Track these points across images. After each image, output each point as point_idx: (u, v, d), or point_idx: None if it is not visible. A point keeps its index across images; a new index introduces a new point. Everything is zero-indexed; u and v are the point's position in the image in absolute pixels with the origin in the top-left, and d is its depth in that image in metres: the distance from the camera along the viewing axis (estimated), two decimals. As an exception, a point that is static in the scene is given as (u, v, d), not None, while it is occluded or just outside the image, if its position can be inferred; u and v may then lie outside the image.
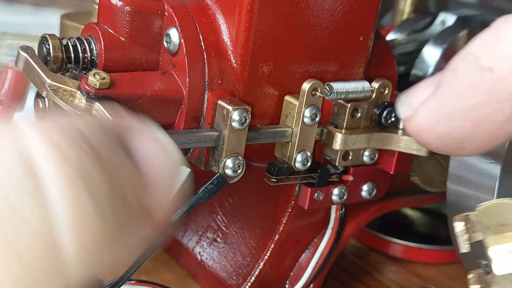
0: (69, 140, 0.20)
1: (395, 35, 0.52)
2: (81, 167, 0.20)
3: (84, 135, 0.21)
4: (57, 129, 0.21)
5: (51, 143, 0.20)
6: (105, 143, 0.22)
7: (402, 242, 0.53)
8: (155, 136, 0.24)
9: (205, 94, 0.35)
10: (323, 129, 0.39)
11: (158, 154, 0.24)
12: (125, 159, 0.22)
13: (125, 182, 0.22)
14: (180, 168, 0.25)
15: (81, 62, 0.35)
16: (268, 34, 0.35)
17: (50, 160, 0.20)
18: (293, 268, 0.44)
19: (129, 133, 0.23)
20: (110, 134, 0.22)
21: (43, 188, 0.19)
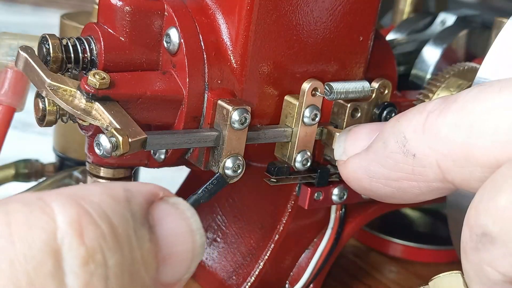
0: (90, 220, 0.21)
1: (395, 35, 0.52)
2: (95, 248, 0.21)
3: (105, 213, 0.22)
4: (81, 208, 0.22)
5: (73, 225, 0.21)
6: (127, 220, 0.23)
7: (402, 242, 0.53)
8: (181, 212, 0.25)
9: (205, 94, 0.35)
10: (323, 129, 0.39)
11: (181, 232, 0.25)
12: (145, 237, 0.23)
13: (140, 260, 0.23)
14: (200, 247, 0.25)
15: (81, 62, 0.35)
16: (268, 34, 0.35)
17: (70, 241, 0.21)
18: (293, 268, 0.44)
19: (156, 204, 0.24)
20: (135, 209, 0.23)
21: (63, 269, 0.21)
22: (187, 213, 0.25)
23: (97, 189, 0.23)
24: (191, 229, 0.25)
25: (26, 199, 0.22)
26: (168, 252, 0.24)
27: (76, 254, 0.21)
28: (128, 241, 0.22)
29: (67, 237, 0.21)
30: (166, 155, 0.36)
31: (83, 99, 0.32)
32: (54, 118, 0.34)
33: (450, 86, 0.42)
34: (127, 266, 0.22)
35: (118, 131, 0.31)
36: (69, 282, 0.20)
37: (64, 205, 0.21)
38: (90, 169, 0.38)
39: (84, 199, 0.22)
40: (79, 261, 0.21)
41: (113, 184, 0.24)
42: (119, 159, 0.37)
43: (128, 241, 0.22)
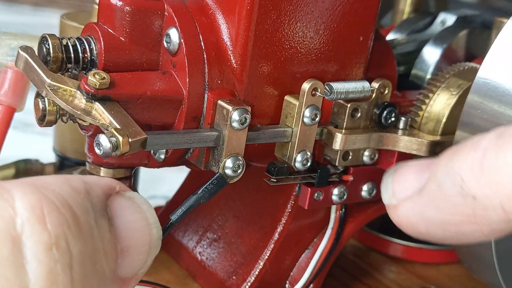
0: (53, 207, 0.21)
1: (395, 35, 0.52)
2: (59, 235, 0.21)
3: (67, 202, 0.22)
4: (43, 195, 0.21)
5: (35, 211, 0.21)
6: (88, 210, 0.23)
7: (402, 242, 0.53)
8: (137, 205, 0.25)
9: (205, 94, 0.35)
10: (323, 129, 0.39)
11: (138, 225, 0.25)
12: (105, 227, 0.23)
13: (101, 250, 0.23)
14: (157, 240, 0.26)
15: (81, 62, 0.35)
16: (268, 34, 0.35)
17: (31, 227, 0.21)
18: (293, 268, 0.44)
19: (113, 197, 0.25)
20: (94, 200, 0.23)
21: (23, 254, 0.20)
22: (143, 207, 0.26)
23: (57, 179, 0.23)
24: (148, 223, 0.25)
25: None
26: (126, 244, 0.24)
27: (38, 239, 0.20)
28: (90, 231, 0.22)
29: (28, 223, 0.21)
30: (166, 155, 0.36)
31: (83, 99, 0.32)
32: (54, 118, 0.34)
33: (450, 86, 0.42)
34: (89, 256, 0.22)
35: (118, 131, 0.31)
36: (30, 269, 0.20)
37: (25, 192, 0.21)
38: (90, 169, 0.38)
39: (45, 187, 0.22)
40: (42, 247, 0.20)
41: (71, 176, 0.24)
42: (119, 159, 0.37)
43: (90, 231, 0.22)
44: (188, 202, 0.35)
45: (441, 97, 0.42)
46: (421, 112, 0.42)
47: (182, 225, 0.48)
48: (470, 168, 0.27)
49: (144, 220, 0.25)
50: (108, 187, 0.25)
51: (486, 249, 0.39)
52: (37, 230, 0.21)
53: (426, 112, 0.42)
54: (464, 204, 0.27)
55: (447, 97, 0.42)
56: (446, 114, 0.41)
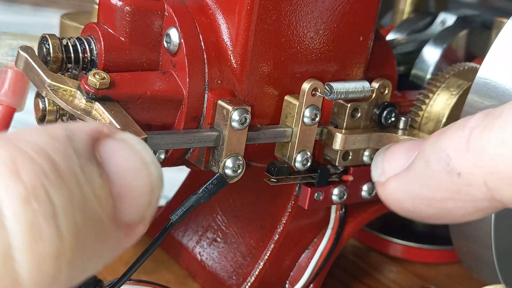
0: (26, 158, 0.20)
1: (395, 35, 0.52)
2: (36, 186, 0.20)
3: (43, 150, 0.21)
4: (15, 147, 0.20)
5: (6, 164, 0.20)
6: (70, 157, 0.21)
7: (402, 242, 0.53)
8: (130, 146, 0.24)
9: (205, 94, 0.35)
10: (323, 129, 0.39)
11: (134, 166, 0.23)
12: (94, 172, 0.22)
13: (92, 197, 0.21)
14: (158, 178, 0.24)
15: (81, 62, 0.35)
16: (268, 34, 0.35)
17: (4, 181, 0.19)
18: (293, 268, 0.44)
19: (102, 141, 0.23)
20: (80, 145, 0.22)
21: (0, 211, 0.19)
22: (137, 147, 0.24)
23: (34, 130, 0.22)
24: (144, 162, 0.24)
25: None
26: (123, 187, 0.23)
27: (13, 192, 0.19)
28: (74, 177, 0.21)
29: (1, 177, 0.19)
30: (166, 155, 0.36)
31: (83, 99, 0.32)
32: (54, 118, 0.34)
33: (450, 86, 0.42)
34: (77, 203, 0.21)
35: (118, 131, 0.31)
36: (10, 225, 0.19)
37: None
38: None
39: (19, 139, 0.21)
40: (18, 200, 0.19)
41: (52, 124, 0.22)
42: (119, 159, 0.37)
43: (74, 177, 0.21)
44: (188, 202, 0.35)
45: (441, 97, 0.42)
46: (421, 112, 0.42)
47: (182, 225, 0.48)
48: (456, 146, 0.28)
49: (140, 160, 0.24)
50: (94, 131, 0.23)
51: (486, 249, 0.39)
52: (11, 183, 0.19)
53: (426, 112, 0.42)
54: (449, 180, 0.28)
55: (447, 97, 0.42)
56: (446, 114, 0.41)
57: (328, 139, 0.39)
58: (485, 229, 0.39)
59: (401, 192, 0.30)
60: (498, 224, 0.38)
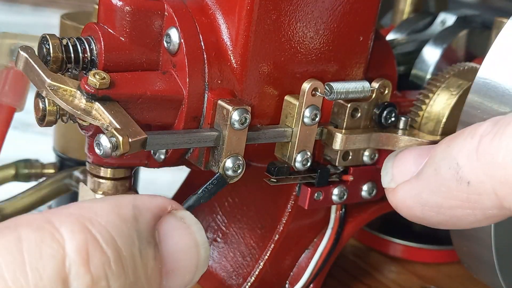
0: (97, 247, 0.22)
1: (395, 35, 0.52)
2: (100, 276, 0.22)
3: (111, 237, 0.22)
4: (89, 234, 0.22)
5: (81, 253, 0.22)
6: (133, 241, 0.23)
7: (402, 242, 0.53)
8: (187, 226, 0.25)
9: (205, 94, 0.35)
10: (323, 129, 0.39)
11: (186, 247, 0.25)
12: (150, 255, 0.24)
13: (143, 278, 0.23)
14: (204, 260, 0.26)
15: (81, 62, 0.35)
16: (268, 34, 0.35)
17: (77, 269, 0.21)
18: (293, 268, 0.44)
19: (163, 219, 0.25)
20: (143, 227, 0.24)
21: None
22: (193, 228, 0.26)
23: (105, 207, 0.23)
24: (196, 244, 0.25)
25: (36, 223, 0.22)
26: (173, 266, 0.25)
27: (82, 282, 0.21)
28: (133, 263, 0.23)
29: (74, 265, 0.21)
30: (166, 155, 0.36)
31: (83, 99, 0.32)
32: (54, 118, 0.34)
33: (450, 86, 0.42)
34: (129, 286, 0.23)
35: (118, 131, 0.31)
36: None
37: (73, 231, 0.22)
38: (90, 169, 0.38)
39: (92, 221, 0.22)
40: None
41: (121, 200, 0.24)
42: (119, 159, 0.37)
43: (132, 263, 0.23)
44: (188, 202, 0.35)
45: (441, 97, 0.42)
46: (421, 112, 0.42)
47: (182, 225, 0.47)
48: (466, 154, 0.28)
49: (193, 241, 0.25)
50: (159, 209, 0.25)
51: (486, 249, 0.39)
52: (81, 272, 0.21)
53: (426, 112, 0.42)
54: (459, 188, 0.28)
55: (447, 97, 0.42)
56: (446, 114, 0.41)
57: (328, 139, 0.39)
58: (485, 229, 0.39)
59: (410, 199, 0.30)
60: (498, 224, 0.38)
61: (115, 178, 0.38)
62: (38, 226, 0.22)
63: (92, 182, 0.38)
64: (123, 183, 0.39)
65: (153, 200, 0.25)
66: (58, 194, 0.49)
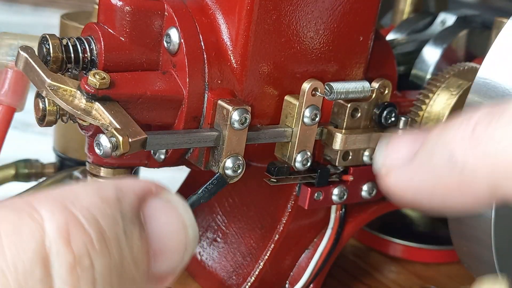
0: (78, 226, 0.22)
1: (395, 35, 0.52)
2: (82, 254, 0.22)
3: (94, 217, 0.22)
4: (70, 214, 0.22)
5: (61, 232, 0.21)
6: (116, 221, 0.23)
7: (402, 242, 0.53)
8: (173, 207, 0.25)
9: (205, 94, 0.35)
10: (323, 129, 0.39)
11: (174, 228, 0.25)
12: (135, 235, 0.23)
13: (130, 259, 0.23)
14: (193, 240, 0.25)
15: (81, 62, 0.35)
16: (268, 34, 0.35)
17: (57, 248, 0.21)
18: (293, 268, 0.44)
19: (148, 201, 0.25)
20: (127, 207, 0.24)
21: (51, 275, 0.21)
22: (179, 209, 0.25)
23: (87, 190, 0.23)
24: (184, 224, 0.25)
25: (15, 205, 0.22)
26: (160, 247, 0.24)
27: (63, 260, 0.21)
28: (117, 242, 0.23)
29: (55, 244, 0.21)
30: (166, 155, 0.36)
31: (83, 99, 0.32)
32: (54, 118, 0.34)
33: (450, 86, 0.42)
34: (115, 267, 0.22)
35: (118, 131, 0.31)
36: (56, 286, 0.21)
37: (53, 211, 0.22)
38: (90, 169, 0.38)
39: (73, 202, 0.22)
40: (66, 267, 0.21)
41: (104, 183, 0.24)
42: (119, 159, 0.37)
43: (116, 243, 0.23)
44: (188, 202, 0.35)
45: (441, 97, 0.42)
46: (421, 112, 0.42)
47: (182, 225, 0.47)
48: (460, 140, 0.28)
49: (180, 221, 0.25)
50: (143, 191, 0.25)
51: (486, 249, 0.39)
52: (63, 251, 0.21)
53: (426, 112, 0.42)
54: (451, 174, 0.28)
55: (447, 97, 0.42)
56: (446, 114, 0.41)
57: (328, 139, 0.39)
58: (485, 229, 0.39)
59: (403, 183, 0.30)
60: (498, 224, 0.38)
61: (115, 178, 0.38)
62: (16, 207, 0.22)
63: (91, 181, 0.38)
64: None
65: (137, 182, 0.25)
66: (58, 194, 0.48)
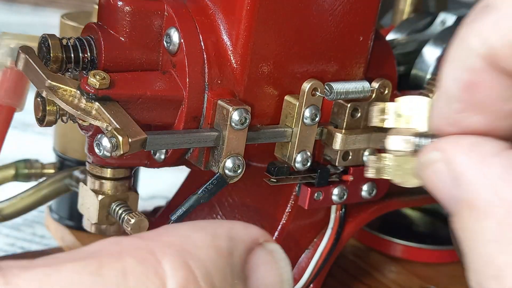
0: (195, 283, 0.22)
1: (395, 35, 0.52)
2: None
3: (209, 274, 0.23)
4: (189, 271, 0.22)
5: (181, 286, 0.22)
6: (226, 278, 0.23)
7: (402, 242, 0.53)
8: (276, 261, 0.25)
9: (205, 94, 0.35)
10: (323, 129, 0.39)
11: (272, 282, 0.25)
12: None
13: None
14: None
15: (81, 62, 0.35)
16: (268, 34, 0.35)
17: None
18: (293, 268, 0.44)
19: (254, 252, 0.25)
20: (237, 261, 0.24)
21: None
22: (281, 263, 0.26)
23: (203, 239, 0.23)
24: (282, 280, 0.25)
25: (140, 253, 0.22)
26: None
27: None
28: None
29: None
30: (166, 155, 0.36)
31: (83, 99, 0.32)
32: (54, 118, 0.34)
33: (450, 86, 0.42)
34: None
35: (118, 131, 0.31)
36: None
37: (175, 267, 0.22)
38: (90, 169, 0.38)
39: (192, 256, 0.23)
40: None
41: (218, 230, 0.24)
42: (119, 159, 0.37)
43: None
44: (188, 202, 0.35)
45: (441, 97, 0.42)
46: (421, 112, 0.42)
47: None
48: None
49: (279, 277, 0.25)
50: (252, 242, 0.25)
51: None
52: None
53: (426, 112, 0.41)
54: None
55: (447, 97, 0.41)
56: (446, 114, 0.41)
57: (328, 139, 0.39)
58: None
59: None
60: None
61: (115, 178, 0.38)
62: (142, 257, 0.22)
63: (92, 182, 0.38)
64: (123, 183, 0.39)
65: (248, 231, 0.25)
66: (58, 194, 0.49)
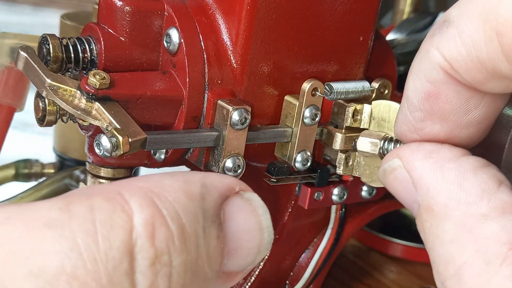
0: (162, 222, 0.22)
1: (395, 35, 0.52)
2: (163, 251, 0.22)
3: (177, 214, 0.23)
4: (156, 209, 0.22)
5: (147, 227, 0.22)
6: (197, 219, 0.23)
7: (402, 242, 0.53)
8: (253, 208, 0.26)
9: (205, 94, 0.35)
10: (323, 129, 0.39)
11: (250, 229, 0.25)
12: (213, 234, 0.24)
13: (205, 257, 0.23)
14: (267, 243, 0.26)
15: (81, 62, 0.35)
16: (268, 34, 0.35)
17: (142, 243, 0.22)
18: (293, 268, 0.44)
19: (230, 199, 0.25)
20: (210, 205, 0.24)
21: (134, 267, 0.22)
22: (259, 210, 0.26)
23: (173, 184, 0.24)
24: (261, 226, 0.25)
25: (108, 194, 0.22)
26: (234, 247, 0.25)
27: (146, 255, 0.22)
28: (195, 240, 0.23)
29: (140, 238, 0.22)
30: (166, 155, 0.36)
31: (83, 99, 0.32)
32: (54, 118, 0.34)
33: (450, 86, 0.42)
34: (191, 263, 0.23)
35: (118, 131, 0.31)
36: (138, 281, 0.21)
37: (141, 204, 0.22)
38: (90, 169, 0.38)
39: (160, 196, 0.23)
40: (147, 262, 0.22)
41: (190, 177, 0.24)
42: (119, 159, 0.37)
43: (195, 240, 0.23)
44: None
45: (441, 97, 0.42)
46: (421, 112, 0.42)
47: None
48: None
49: (257, 223, 0.25)
50: (227, 189, 0.25)
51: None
52: (146, 246, 0.22)
53: (426, 112, 0.41)
54: None
55: (447, 97, 0.41)
56: (446, 114, 0.41)
57: (328, 139, 0.39)
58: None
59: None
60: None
61: (115, 178, 0.38)
62: (110, 197, 0.22)
63: (92, 182, 0.38)
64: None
65: (222, 179, 0.25)
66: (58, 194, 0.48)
